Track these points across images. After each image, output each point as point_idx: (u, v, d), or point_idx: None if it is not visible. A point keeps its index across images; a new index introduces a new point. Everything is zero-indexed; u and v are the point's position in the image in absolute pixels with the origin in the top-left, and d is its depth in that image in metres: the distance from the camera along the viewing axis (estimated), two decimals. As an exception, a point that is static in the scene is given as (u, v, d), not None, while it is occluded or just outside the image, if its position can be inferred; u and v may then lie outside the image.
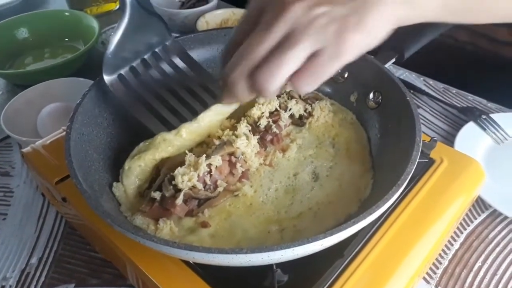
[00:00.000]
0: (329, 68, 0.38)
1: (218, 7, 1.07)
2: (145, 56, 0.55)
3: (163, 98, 0.54)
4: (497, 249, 0.59)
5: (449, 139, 0.75)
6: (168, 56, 0.56)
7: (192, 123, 0.51)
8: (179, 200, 0.46)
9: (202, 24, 1.00)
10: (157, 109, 0.52)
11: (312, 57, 0.37)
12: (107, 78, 0.52)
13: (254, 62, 0.39)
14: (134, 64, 0.54)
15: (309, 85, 0.39)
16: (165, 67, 0.56)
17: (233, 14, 1.04)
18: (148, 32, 0.55)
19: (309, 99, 0.60)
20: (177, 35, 0.64)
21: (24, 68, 0.97)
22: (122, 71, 0.53)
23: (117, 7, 1.21)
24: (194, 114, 0.53)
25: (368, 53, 0.58)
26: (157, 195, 0.47)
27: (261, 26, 0.39)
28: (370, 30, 0.38)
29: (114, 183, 0.50)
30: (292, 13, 0.37)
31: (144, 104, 0.53)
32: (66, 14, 1.05)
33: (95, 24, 0.98)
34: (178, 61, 0.57)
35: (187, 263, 0.45)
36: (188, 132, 0.51)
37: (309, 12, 0.37)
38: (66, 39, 1.04)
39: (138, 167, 0.50)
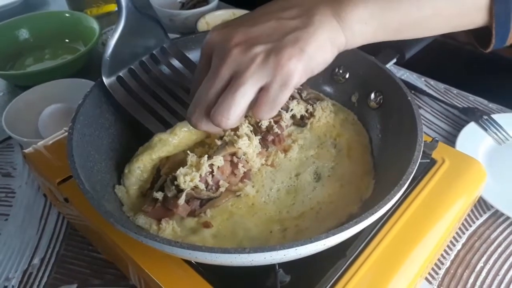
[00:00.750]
0: (282, 97, 0.40)
1: (218, 8, 1.08)
2: (143, 58, 0.56)
3: (162, 99, 0.54)
4: (499, 250, 0.59)
5: (451, 140, 0.75)
6: (166, 58, 0.57)
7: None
8: (181, 200, 0.46)
9: (202, 25, 1.00)
10: (156, 110, 0.53)
11: (263, 90, 0.40)
12: (106, 80, 0.53)
13: (207, 106, 0.41)
14: (132, 66, 0.55)
15: (268, 114, 0.41)
16: (163, 68, 0.56)
17: (233, 15, 1.04)
18: (145, 35, 0.55)
19: (310, 100, 0.60)
20: (178, 35, 0.64)
21: (25, 69, 0.97)
22: (121, 73, 0.54)
23: (117, 8, 1.21)
24: None
25: (369, 53, 0.58)
26: (159, 195, 0.47)
27: (209, 72, 0.42)
28: (312, 57, 0.39)
29: (116, 186, 0.50)
30: (232, 56, 0.40)
31: (143, 105, 0.53)
32: (67, 15, 1.05)
33: (95, 25, 0.98)
34: (176, 63, 0.57)
35: (189, 263, 0.45)
36: (184, 131, 0.51)
37: (248, 53, 0.39)
38: (67, 40, 1.05)
39: (137, 169, 0.50)
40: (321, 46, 0.40)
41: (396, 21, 0.43)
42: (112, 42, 0.52)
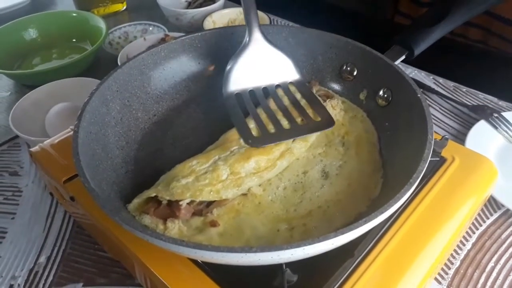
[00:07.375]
0: None
1: (225, 6, 1.07)
2: (267, 86, 0.57)
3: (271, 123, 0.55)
4: (510, 249, 0.58)
5: (460, 138, 0.74)
6: (292, 93, 0.57)
7: None
8: (184, 203, 0.45)
9: (209, 24, 0.99)
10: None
11: None
12: (225, 91, 0.56)
13: None
14: (254, 89, 0.57)
15: None
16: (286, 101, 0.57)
17: (240, 14, 1.04)
18: (272, 66, 0.58)
19: (320, 97, 0.60)
20: (183, 34, 0.64)
21: (32, 68, 0.97)
22: (241, 92, 0.56)
23: (124, 8, 1.22)
24: None
25: (377, 50, 0.58)
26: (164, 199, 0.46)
27: None
28: None
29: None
30: None
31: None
32: (74, 15, 1.06)
33: (102, 24, 0.98)
34: (301, 100, 0.57)
35: (195, 262, 0.44)
36: None
37: None
38: (74, 40, 1.05)
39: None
40: None
41: None
42: (239, 60, 0.56)
